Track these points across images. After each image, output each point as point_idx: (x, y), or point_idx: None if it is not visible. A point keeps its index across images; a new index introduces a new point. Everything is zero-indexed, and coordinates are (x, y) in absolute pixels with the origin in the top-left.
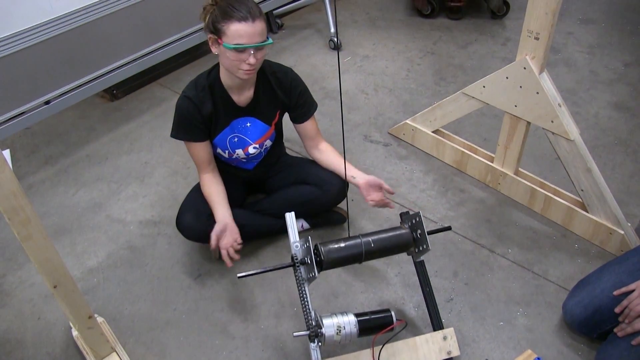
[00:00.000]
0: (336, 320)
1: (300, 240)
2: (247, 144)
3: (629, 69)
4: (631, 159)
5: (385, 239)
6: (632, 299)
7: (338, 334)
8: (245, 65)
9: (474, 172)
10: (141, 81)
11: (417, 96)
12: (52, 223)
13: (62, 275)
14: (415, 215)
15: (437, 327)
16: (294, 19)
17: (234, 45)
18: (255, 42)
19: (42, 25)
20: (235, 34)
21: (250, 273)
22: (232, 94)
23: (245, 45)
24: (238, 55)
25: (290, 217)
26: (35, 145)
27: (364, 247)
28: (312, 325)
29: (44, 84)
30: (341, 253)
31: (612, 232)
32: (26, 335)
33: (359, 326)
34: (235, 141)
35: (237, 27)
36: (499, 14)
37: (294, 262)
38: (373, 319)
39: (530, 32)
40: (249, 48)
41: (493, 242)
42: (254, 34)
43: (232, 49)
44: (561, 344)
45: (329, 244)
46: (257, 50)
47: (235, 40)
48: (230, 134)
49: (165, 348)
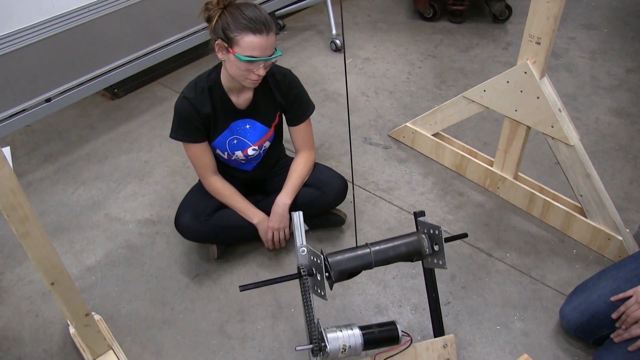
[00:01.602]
0: (341, 335)
1: (308, 250)
2: (246, 145)
3: (630, 75)
4: (631, 165)
5: (397, 247)
6: (629, 305)
7: (343, 352)
8: (254, 76)
9: (473, 176)
10: (142, 80)
11: (417, 99)
12: (51, 221)
13: (60, 273)
14: (436, 227)
15: (438, 334)
16: (295, 20)
17: (247, 57)
18: (267, 55)
19: (43, 23)
20: (249, 46)
21: (253, 285)
22: (231, 96)
23: (258, 58)
24: (249, 66)
25: (297, 216)
26: (35, 143)
27: (373, 257)
28: (315, 339)
29: (44, 81)
30: (349, 265)
31: (611, 238)
32: (23, 333)
33: (363, 340)
34: (234, 143)
35: (252, 40)
36: (500, 18)
37: (300, 273)
38: (378, 332)
39: (532, 37)
40: (260, 61)
41: (491, 246)
42: (267, 47)
43: (245, 61)
44: (557, 348)
45: (338, 259)
46: (266, 62)
47: (248, 52)
48: (230, 136)
49: (162, 347)
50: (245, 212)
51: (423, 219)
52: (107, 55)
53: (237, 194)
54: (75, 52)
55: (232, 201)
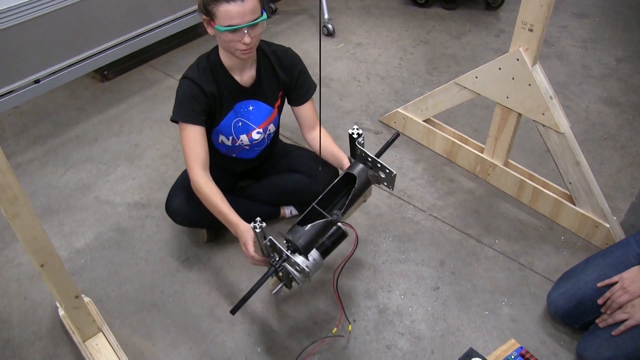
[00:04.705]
0: (300, 259)
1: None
2: (250, 128)
3: (620, 65)
4: (619, 154)
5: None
6: (614, 291)
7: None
8: (242, 45)
9: (463, 162)
10: (132, 62)
11: (409, 85)
12: (40, 203)
13: (50, 255)
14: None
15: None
16: (287, 4)
17: (226, 27)
18: (247, 21)
19: (33, 2)
20: (226, 15)
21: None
22: (234, 75)
23: (237, 25)
24: (232, 36)
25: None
26: (24, 124)
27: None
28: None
29: (33, 62)
30: (313, 231)
31: (598, 225)
32: (12, 315)
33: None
34: (239, 126)
35: (227, 8)
36: (493, 5)
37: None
38: (328, 241)
39: (525, 24)
40: (242, 28)
41: (480, 233)
42: (246, 13)
43: (225, 31)
44: (544, 333)
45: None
46: (251, 28)
47: (226, 22)
48: (235, 118)
49: (152, 330)
50: (227, 219)
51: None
52: (97, 37)
53: (224, 199)
54: (65, 32)
55: (216, 205)
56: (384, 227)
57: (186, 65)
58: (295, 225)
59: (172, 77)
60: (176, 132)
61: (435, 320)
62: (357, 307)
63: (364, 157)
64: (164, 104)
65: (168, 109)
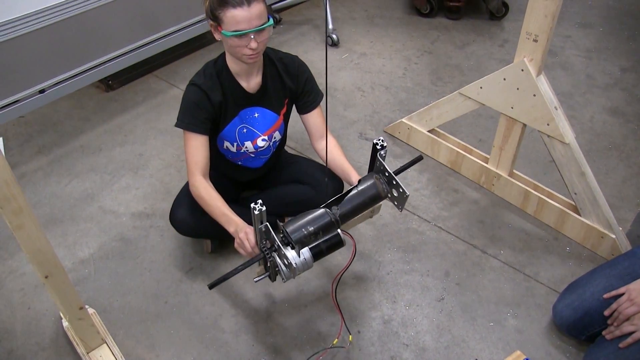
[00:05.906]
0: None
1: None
2: (255, 135)
3: (625, 75)
4: (624, 164)
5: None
6: (621, 303)
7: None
8: (248, 50)
9: (468, 172)
10: (137, 72)
11: (413, 95)
12: (44, 213)
13: (54, 266)
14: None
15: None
16: (292, 14)
17: (232, 32)
18: (254, 26)
19: (38, 12)
20: (233, 21)
21: (221, 279)
22: (240, 81)
23: (244, 31)
24: (239, 41)
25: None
26: (28, 134)
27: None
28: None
29: (39, 72)
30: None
31: (604, 236)
32: (16, 325)
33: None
34: (244, 132)
35: (234, 14)
36: (497, 15)
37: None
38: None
39: (529, 34)
40: (248, 33)
41: (485, 243)
42: (252, 18)
43: (231, 36)
44: (550, 345)
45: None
46: (257, 33)
47: (233, 27)
48: (240, 124)
49: (155, 341)
50: (227, 218)
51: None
52: (102, 47)
53: (223, 201)
54: (70, 43)
55: (215, 207)
56: (389, 237)
57: (190, 75)
58: (293, 219)
59: (177, 87)
60: (180, 143)
61: (440, 331)
62: (362, 318)
63: (382, 170)
64: (169, 114)
65: (172, 119)
